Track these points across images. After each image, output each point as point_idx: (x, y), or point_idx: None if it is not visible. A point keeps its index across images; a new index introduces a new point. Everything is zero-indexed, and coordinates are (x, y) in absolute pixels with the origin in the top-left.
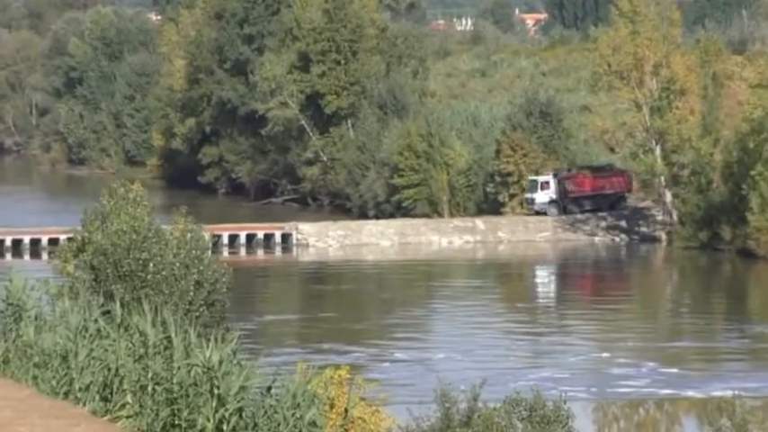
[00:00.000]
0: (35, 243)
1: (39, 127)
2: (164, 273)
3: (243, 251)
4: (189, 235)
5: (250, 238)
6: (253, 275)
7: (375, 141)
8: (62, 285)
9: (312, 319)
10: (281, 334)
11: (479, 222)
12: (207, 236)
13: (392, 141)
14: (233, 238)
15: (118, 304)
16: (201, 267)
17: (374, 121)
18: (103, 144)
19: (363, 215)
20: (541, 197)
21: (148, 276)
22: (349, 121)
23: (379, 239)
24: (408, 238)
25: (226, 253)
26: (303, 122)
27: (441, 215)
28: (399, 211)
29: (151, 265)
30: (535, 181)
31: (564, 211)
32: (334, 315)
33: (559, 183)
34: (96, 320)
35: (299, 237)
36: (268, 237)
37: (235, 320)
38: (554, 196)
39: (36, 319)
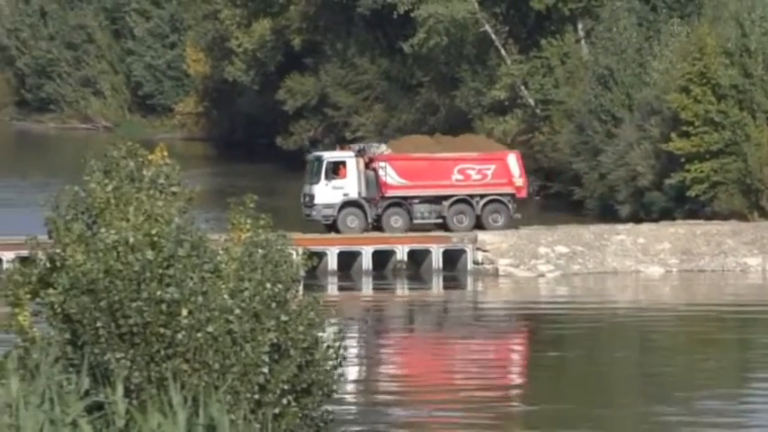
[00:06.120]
0: None
1: None
2: (210, 329)
3: (368, 284)
4: (260, 252)
5: (382, 257)
6: (386, 330)
7: (633, 65)
8: (6, 355)
9: (503, 418)
10: None
11: None
12: (298, 255)
13: (667, 65)
14: (348, 259)
15: (120, 392)
16: (286, 318)
17: (631, 25)
18: (89, 71)
19: (608, 212)
20: (327, 194)
21: (179, 335)
22: (580, 25)
23: (640, 262)
24: (699, 261)
25: (333, 287)
26: (487, 29)
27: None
28: (682, 206)
29: (184, 312)
30: (319, 161)
31: (375, 224)
32: (551, 407)
33: (368, 167)
34: (75, 424)
35: (481, 256)
36: (418, 256)
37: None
38: (353, 194)
39: None
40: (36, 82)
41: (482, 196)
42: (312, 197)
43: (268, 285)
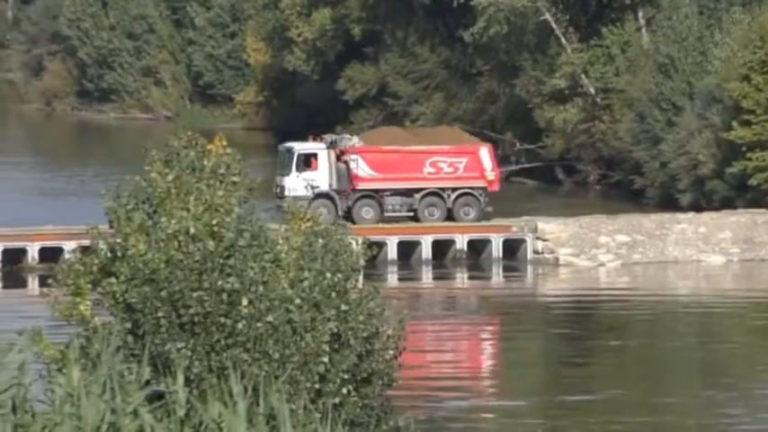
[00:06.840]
0: (14, 256)
1: (20, 24)
2: (270, 319)
3: (427, 273)
4: (320, 242)
5: (442, 247)
6: (445, 322)
7: (694, 53)
8: (68, 344)
9: (564, 406)
10: None
11: None
12: (357, 244)
13: (729, 53)
14: (407, 248)
15: (180, 382)
16: (346, 308)
17: (692, 13)
18: (149, 60)
19: (668, 201)
20: (297, 186)
21: (240, 325)
22: (640, 13)
23: (701, 252)
24: (760, 250)
25: (393, 277)
26: (548, 17)
27: None
28: (743, 194)
29: (245, 302)
30: (289, 153)
31: (346, 215)
32: (612, 393)
33: (339, 159)
34: (136, 413)
35: (542, 246)
36: (478, 245)
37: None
38: (324, 186)
39: (15, 412)
40: (97, 72)
41: (453, 189)
42: (283, 188)
43: (328, 275)
